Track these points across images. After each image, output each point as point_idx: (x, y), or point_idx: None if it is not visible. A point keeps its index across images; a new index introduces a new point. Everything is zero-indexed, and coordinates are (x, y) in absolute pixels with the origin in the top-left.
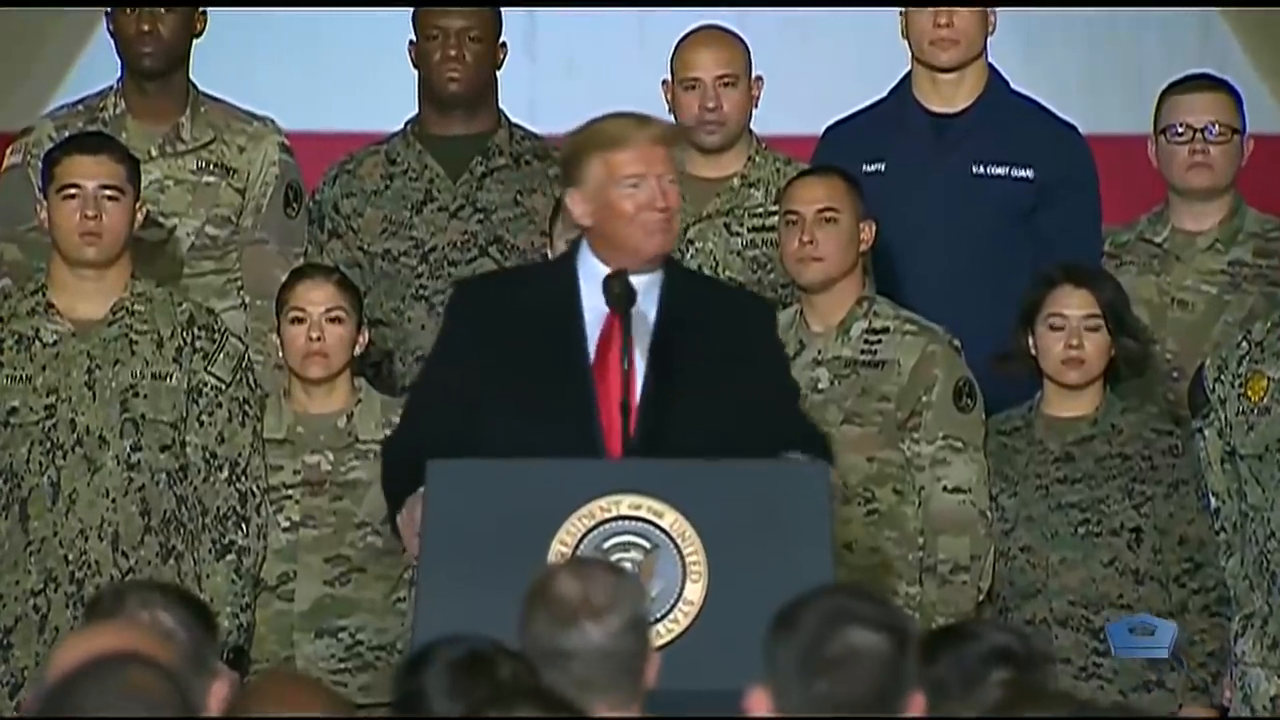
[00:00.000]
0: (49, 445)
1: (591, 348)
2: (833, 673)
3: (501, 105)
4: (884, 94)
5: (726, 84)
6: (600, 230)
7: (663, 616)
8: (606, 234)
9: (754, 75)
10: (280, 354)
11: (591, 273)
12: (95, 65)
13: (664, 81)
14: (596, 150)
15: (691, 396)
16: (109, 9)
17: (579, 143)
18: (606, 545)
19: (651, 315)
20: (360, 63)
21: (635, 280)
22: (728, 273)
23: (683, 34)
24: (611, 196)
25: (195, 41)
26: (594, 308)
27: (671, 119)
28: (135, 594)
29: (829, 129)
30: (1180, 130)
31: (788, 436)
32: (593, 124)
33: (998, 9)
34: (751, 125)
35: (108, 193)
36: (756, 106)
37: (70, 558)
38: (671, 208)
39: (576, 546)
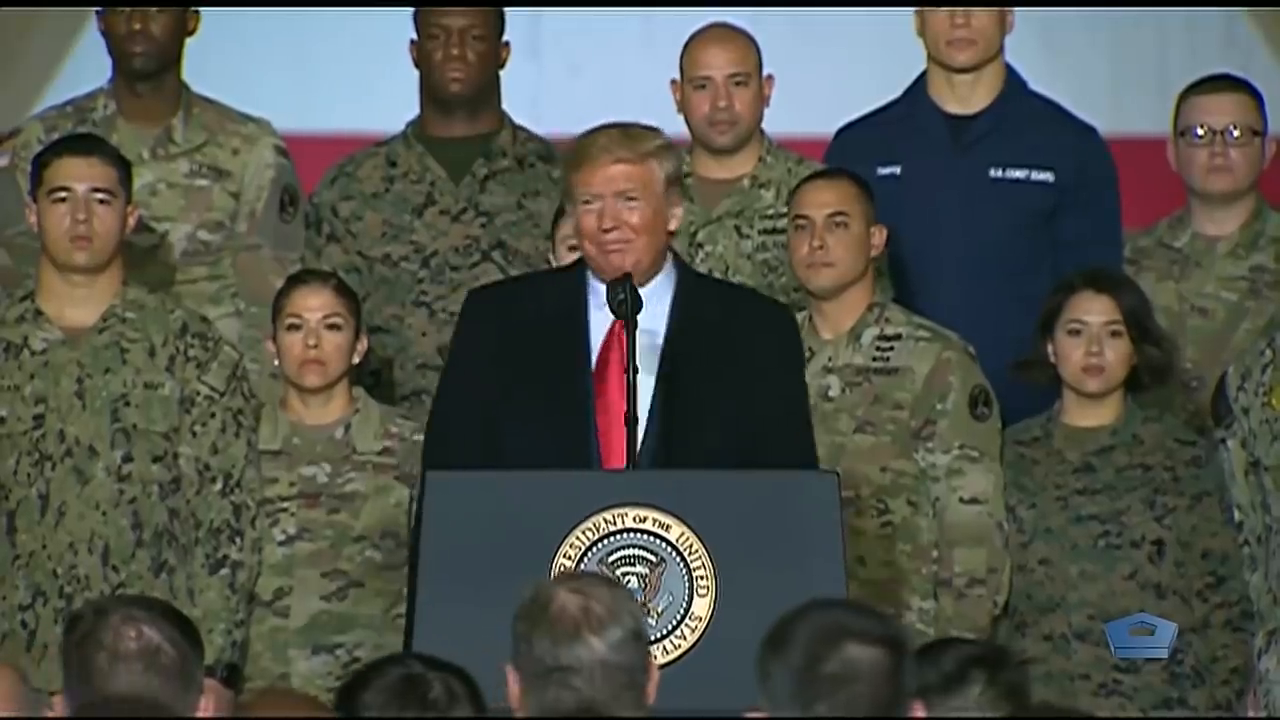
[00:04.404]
0: (37, 456)
1: (594, 356)
2: (833, 693)
3: (504, 107)
4: (898, 95)
5: (738, 83)
6: (580, 244)
7: (669, 633)
8: (582, 248)
9: (765, 74)
10: (276, 362)
11: (596, 281)
12: (83, 65)
13: (673, 81)
14: (568, 167)
15: (699, 408)
16: (99, 9)
17: (564, 156)
18: (611, 559)
19: (662, 324)
20: (358, 62)
21: (643, 289)
22: (737, 276)
23: (693, 32)
24: (579, 213)
25: (188, 41)
26: (601, 316)
27: (680, 119)
28: (117, 610)
29: (841, 130)
30: (1199, 132)
31: (784, 459)
32: (580, 136)
33: (1016, 8)
34: (763, 125)
35: (99, 196)
36: (768, 105)
37: (59, 572)
38: (624, 225)
39: (580, 560)
